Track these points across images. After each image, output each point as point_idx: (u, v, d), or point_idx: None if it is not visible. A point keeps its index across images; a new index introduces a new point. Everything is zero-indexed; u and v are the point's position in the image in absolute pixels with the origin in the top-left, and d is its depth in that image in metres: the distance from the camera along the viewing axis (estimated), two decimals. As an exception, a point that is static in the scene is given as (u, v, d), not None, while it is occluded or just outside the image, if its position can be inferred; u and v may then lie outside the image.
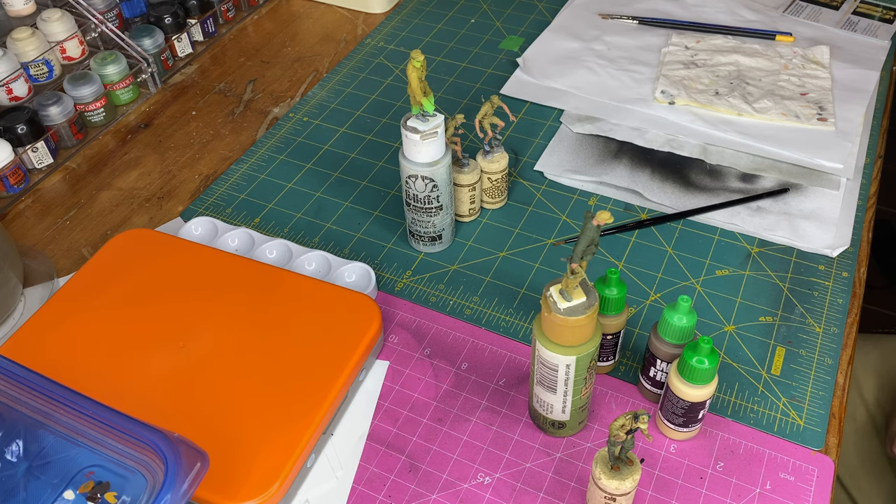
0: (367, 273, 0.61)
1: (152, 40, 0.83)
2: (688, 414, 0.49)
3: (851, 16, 0.89)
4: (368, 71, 0.85)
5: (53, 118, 0.74)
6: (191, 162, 0.75)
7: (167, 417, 0.50)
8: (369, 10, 0.94)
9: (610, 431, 0.43)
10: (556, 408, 0.50)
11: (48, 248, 0.68)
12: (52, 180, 0.74)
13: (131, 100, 0.82)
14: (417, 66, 0.54)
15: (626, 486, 0.45)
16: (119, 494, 0.46)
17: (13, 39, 0.77)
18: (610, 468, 0.45)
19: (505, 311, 0.60)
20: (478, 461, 0.51)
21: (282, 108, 0.81)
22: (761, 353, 0.57)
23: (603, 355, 0.54)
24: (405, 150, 0.58)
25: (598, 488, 0.46)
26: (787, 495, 0.49)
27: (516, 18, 0.92)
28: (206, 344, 0.54)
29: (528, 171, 0.72)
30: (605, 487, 0.45)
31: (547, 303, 0.44)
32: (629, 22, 0.89)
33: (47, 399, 0.45)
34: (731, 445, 0.52)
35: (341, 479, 0.51)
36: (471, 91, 0.81)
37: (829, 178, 0.69)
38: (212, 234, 0.65)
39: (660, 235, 0.65)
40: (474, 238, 0.66)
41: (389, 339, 0.58)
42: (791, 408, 0.53)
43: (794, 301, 0.60)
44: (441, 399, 0.55)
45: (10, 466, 0.48)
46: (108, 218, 0.70)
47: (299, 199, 0.70)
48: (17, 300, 0.61)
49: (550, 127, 0.76)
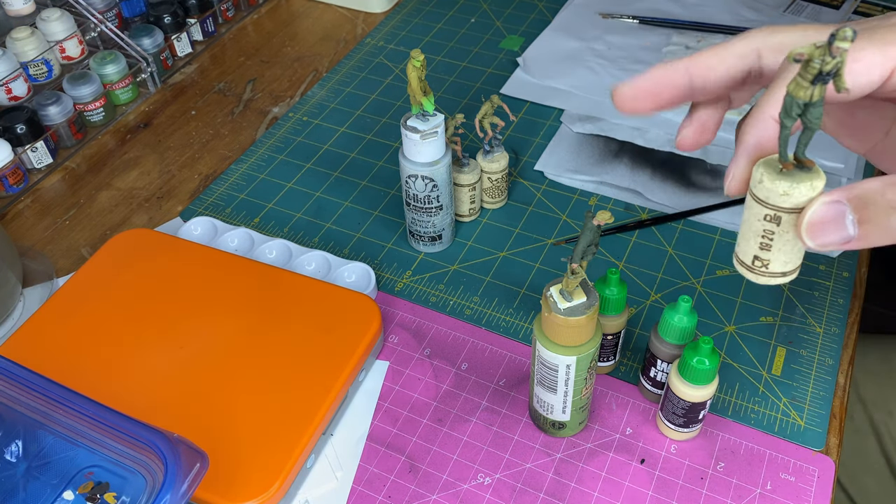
0: (367, 273, 0.61)
1: (152, 40, 0.83)
2: (688, 414, 0.49)
3: (852, 15, 0.89)
4: (368, 70, 0.85)
5: (53, 118, 0.74)
6: (190, 162, 0.75)
7: (166, 418, 0.50)
8: (369, 9, 0.94)
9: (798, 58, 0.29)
10: (557, 408, 0.49)
11: (47, 248, 0.67)
12: (51, 180, 0.74)
13: (131, 99, 0.82)
14: (417, 66, 0.54)
15: (800, 191, 0.31)
16: (118, 495, 0.46)
17: (12, 39, 0.77)
18: (779, 170, 0.32)
19: (505, 311, 0.60)
20: (478, 461, 0.51)
21: (281, 108, 0.81)
22: (762, 353, 0.57)
23: (603, 355, 0.54)
24: (405, 150, 0.58)
25: (756, 202, 0.32)
26: (788, 496, 0.49)
27: (516, 18, 0.91)
28: (205, 344, 0.54)
29: (528, 171, 0.72)
30: (767, 195, 0.32)
31: (547, 303, 0.44)
32: (630, 21, 0.89)
33: (47, 399, 0.45)
34: (731, 446, 0.51)
35: (341, 479, 0.51)
36: (471, 90, 0.81)
37: (830, 177, 0.69)
38: (211, 234, 0.65)
39: (660, 235, 0.65)
40: (474, 238, 0.66)
41: (389, 340, 0.58)
42: (792, 408, 0.53)
43: (795, 301, 0.60)
44: (441, 399, 0.55)
45: (10, 467, 0.48)
46: (107, 218, 0.70)
47: (299, 199, 0.70)
48: (17, 300, 0.61)
49: (551, 126, 0.76)
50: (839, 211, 0.31)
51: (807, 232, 0.31)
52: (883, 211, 0.31)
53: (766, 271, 0.34)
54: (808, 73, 0.29)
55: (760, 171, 0.32)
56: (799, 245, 0.33)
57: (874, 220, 0.31)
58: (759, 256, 0.34)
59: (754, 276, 0.34)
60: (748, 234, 0.34)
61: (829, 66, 0.29)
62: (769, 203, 0.32)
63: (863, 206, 0.31)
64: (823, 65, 0.29)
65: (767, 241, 0.33)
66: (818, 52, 0.29)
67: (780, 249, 0.33)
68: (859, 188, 0.31)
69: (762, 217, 0.32)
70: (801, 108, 0.30)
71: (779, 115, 0.31)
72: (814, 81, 0.29)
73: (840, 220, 0.31)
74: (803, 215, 0.31)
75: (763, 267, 0.34)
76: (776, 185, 0.31)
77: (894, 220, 0.31)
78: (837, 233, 0.31)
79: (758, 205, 0.32)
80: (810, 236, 0.31)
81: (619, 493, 0.49)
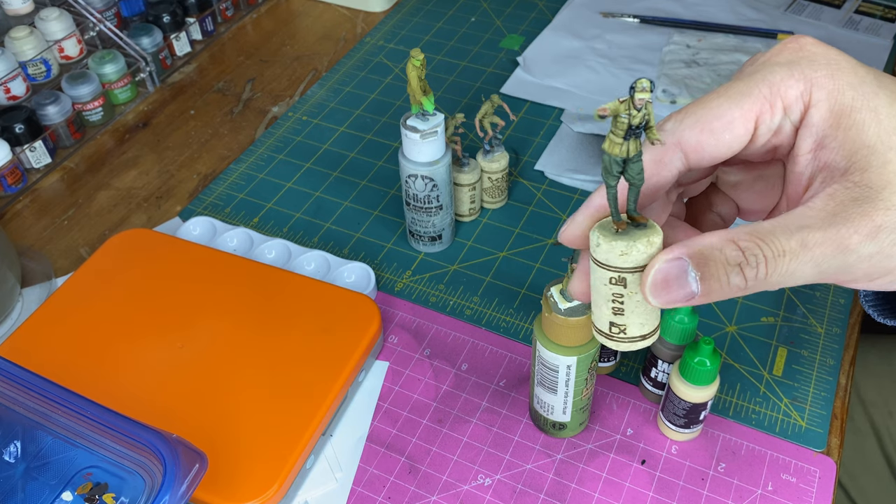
0: (367, 273, 0.61)
1: (151, 39, 0.83)
2: (689, 415, 0.49)
3: (853, 14, 0.89)
4: (368, 70, 0.84)
5: (51, 117, 0.74)
6: (189, 161, 0.75)
7: (165, 418, 0.49)
8: (369, 8, 0.94)
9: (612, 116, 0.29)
10: (557, 409, 0.49)
11: (46, 248, 0.67)
12: (49, 180, 0.74)
13: (129, 99, 0.82)
14: (417, 65, 0.54)
15: (638, 249, 0.31)
16: (117, 495, 0.46)
17: (11, 38, 0.77)
18: (614, 231, 0.31)
19: (505, 311, 0.60)
20: (478, 462, 0.51)
21: (281, 108, 0.81)
22: (763, 353, 0.57)
23: (604, 356, 0.54)
24: (405, 150, 0.58)
25: (599, 266, 0.32)
26: (789, 496, 0.49)
27: (517, 17, 0.91)
28: (204, 344, 0.54)
29: (528, 171, 0.72)
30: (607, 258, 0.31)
31: (547, 303, 0.44)
32: (630, 20, 0.89)
33: (45, 400, 0.45)
34: (732, 446, 0.51)
35: (341, 480, 0.50)
36: (471, 90, 0.81)
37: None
38: (210, 233, 0.65)
39: (661, 235, 0.65)
40: (474, 238, 0.66)
41: (389, 340, 0.58)
42: (793, 409, 0.53)
43: (796, 301, 0.60)
44: (441, 400, 0.54)
45: (9, 467, 0.47)
46: (106, 218, 0.70)
47: (298, 199, 0.70)
48: (15, 300, 0.61)
49: (551, 126, 0.76)
50: (681, 267, 0.30)
51: (651, 291, 0.31)
52: (722, 268, 0.30)
53: (624, 337, 0.33)
54: (618, 129, 0.29)
55: (596, 235, 0.31)
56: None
57: (714, 277, 0.30)
58: (615, 322, 0.33)
59: (614, 343, 0.34)
60: (599, 301, 0.33)
61: (637, 120, 0.29)
62: (611, 266, 0.31)
63: (703, 263, 0.30)
64: (631, 118, 0.29)
65: (618, 304, 0.32)
66: (622, 106, 0.29)
67: (633, 311, 0.32)
68: (698, 243, 0.31)
69: (607, 281, 0.32)
70: (620, 165, 0.30)
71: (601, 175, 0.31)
72: (626, 136, 0.29)
73: (682, 277, 0.30)
74: (646, 275, 0.31)
75: (621, 333, 0.33)
76: (613, 246, 0.31)
77: (734, 277, 0.30)
78: (681, 289, 0.31)
79: (600, 269, 0.32)
80: (654, 295, 0.31)
81: (619, 494, 0.49)
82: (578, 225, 0.35)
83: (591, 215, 0.34)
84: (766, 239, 0.30)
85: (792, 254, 0.30)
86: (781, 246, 0.30)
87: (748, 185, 0.39)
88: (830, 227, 0.30)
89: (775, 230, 0.30)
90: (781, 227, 0.30)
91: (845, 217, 0.30)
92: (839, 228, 0.30)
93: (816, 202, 0.31)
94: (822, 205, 0.31)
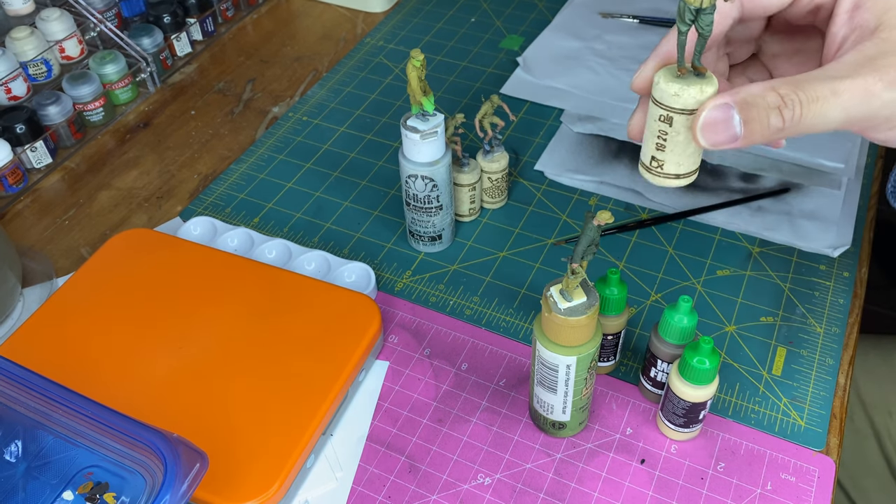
0: (367, 273, 0.61)
1: (151, 39, 0.83)
2: (688, 414, 0.49)
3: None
4: (368, 70, 0.85)
5: (52, 118, 0.74)
6: (190, 161, 0.75)
7: (166, 418, 0.49)
8: (369, 8, 0.94)
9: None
10: (557, 408, 0.49)
11: (47, 248, 0.67)
12: (50, 180, 0.74)
13: (130, 99, 0.82)
14: (417, 66, 0.54)
15: (689, 94, 0.35)
16: (118, 495, 0.46)
17: (12, 39, 0.77)
18: (676, 75, 0.35)
19: (505, 311, 0.60)
20: (478, 462, 0.51)
21: (281, 108, 0.81)
22: (762, 353, 0.57)
23: (603, 356, 0.54)
24: (405, 150, 0.58)
25: (653, 103, 0.36)
26: (789, 496, 0.49)
27: (516, 17, 0.91)
28: (205, 344, 0.54)
29: (528, 171, 0.72)
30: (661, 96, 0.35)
31: (547, 303, 0.44)
32: (630, 21, 0.89)
33: (46, 399, 0.45)
34: (731, 446, 0.51)
35: (341, 479, 0.51)
36: (471, 90, 0.81)
37: (831, 177, 0.69)
38: (211, 233, 0.65)
39: (660, 235, 0.65)
40: (474, 238, 0.66)
41: (389, 340, 0.58)
42: (792, 408, 0.53)
43: (796, 301, 0.60)
44: (441, 400, 0.54)
45: (9, 467, 0.47)
46: (106, 218, 0.70)
47: (299, 199, 0.70)
48: (16, 300, 0.61)
49: (551, 126, 0.76)
50: (727, 112, 0.35)
51: (701, 132, 0.35)
52: (764, 111, 0.35)
53: (661, 171, 0.37)
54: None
55: (659, 75, 0.36)
56: (690, 148, 0.36)
57: (756, 120, 0.35)
58: (656, 157, 0.37)
59: (652, 176, 0.38)
60: (648, 136, 0.37)
61: None
62: (663, 104, 0.35)
63: (747, 108, 0.35)
64: None
65: (662, 141, 0.36)
66: None
67: (673, 150, 0.36)
68: (744, 91, 0.35)
69: (657, 117, 0.36)
70: (693, 13, 0.33)
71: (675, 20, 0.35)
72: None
73: (728, 121, 0.35)
74: (697, 116, 0.35)
75: (659, 167, 0.37)
76: (669, 87, 0.35)
77: (773, 119, 0.35)
78: (726, 132, 0.35)
79: (654, 106, 0.36)
80: (703, 135, 0.35)
81: (619, 494, 0.49)
82: (648, 70, 0.40)
83: (658, 61, 0.40)
84: (801, 86, 0.35)
85: (824, 99, 0.35)
86: (815, 92, 0.35)
87: (787, 57, 0.45)
88: (858, 76, 0.35)
89: (810, 79, 0.35)
90: (815, 76, 0.35)
91: (872, 67, 0.35)
92: (865, 77, 0.35)
93: (847, 57, 0.36)
94: (851, 59, 0.36)
